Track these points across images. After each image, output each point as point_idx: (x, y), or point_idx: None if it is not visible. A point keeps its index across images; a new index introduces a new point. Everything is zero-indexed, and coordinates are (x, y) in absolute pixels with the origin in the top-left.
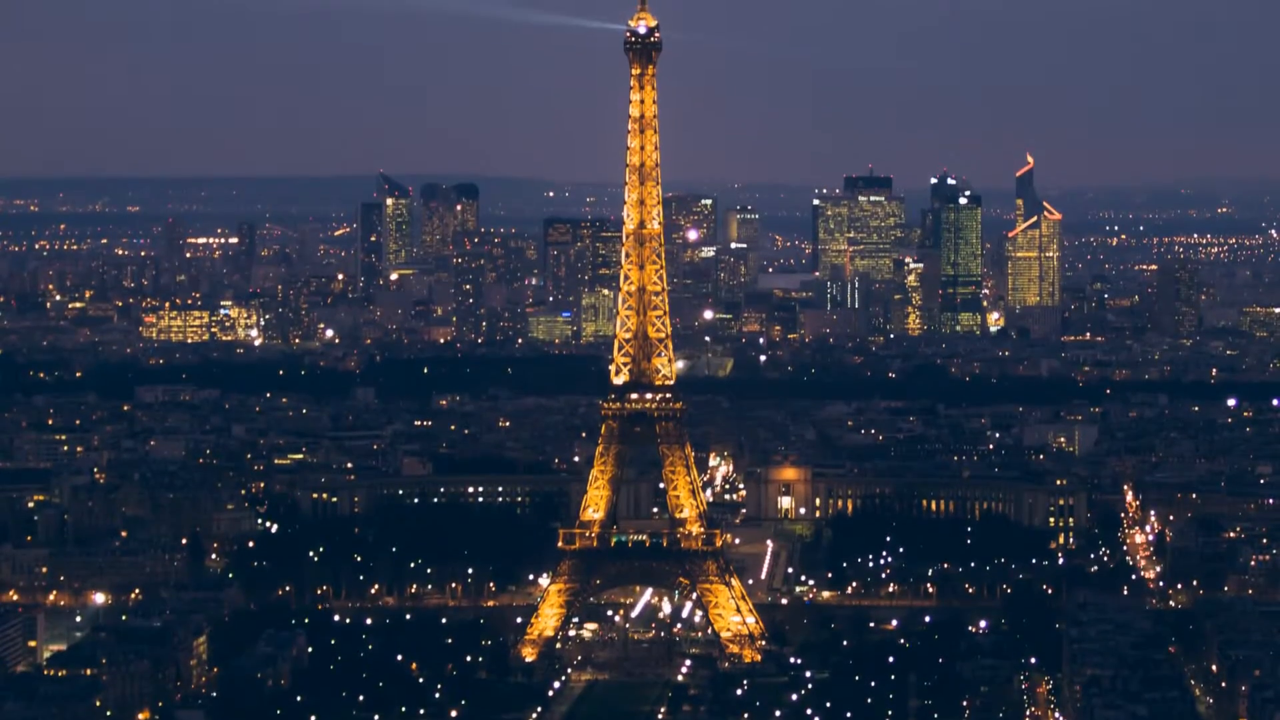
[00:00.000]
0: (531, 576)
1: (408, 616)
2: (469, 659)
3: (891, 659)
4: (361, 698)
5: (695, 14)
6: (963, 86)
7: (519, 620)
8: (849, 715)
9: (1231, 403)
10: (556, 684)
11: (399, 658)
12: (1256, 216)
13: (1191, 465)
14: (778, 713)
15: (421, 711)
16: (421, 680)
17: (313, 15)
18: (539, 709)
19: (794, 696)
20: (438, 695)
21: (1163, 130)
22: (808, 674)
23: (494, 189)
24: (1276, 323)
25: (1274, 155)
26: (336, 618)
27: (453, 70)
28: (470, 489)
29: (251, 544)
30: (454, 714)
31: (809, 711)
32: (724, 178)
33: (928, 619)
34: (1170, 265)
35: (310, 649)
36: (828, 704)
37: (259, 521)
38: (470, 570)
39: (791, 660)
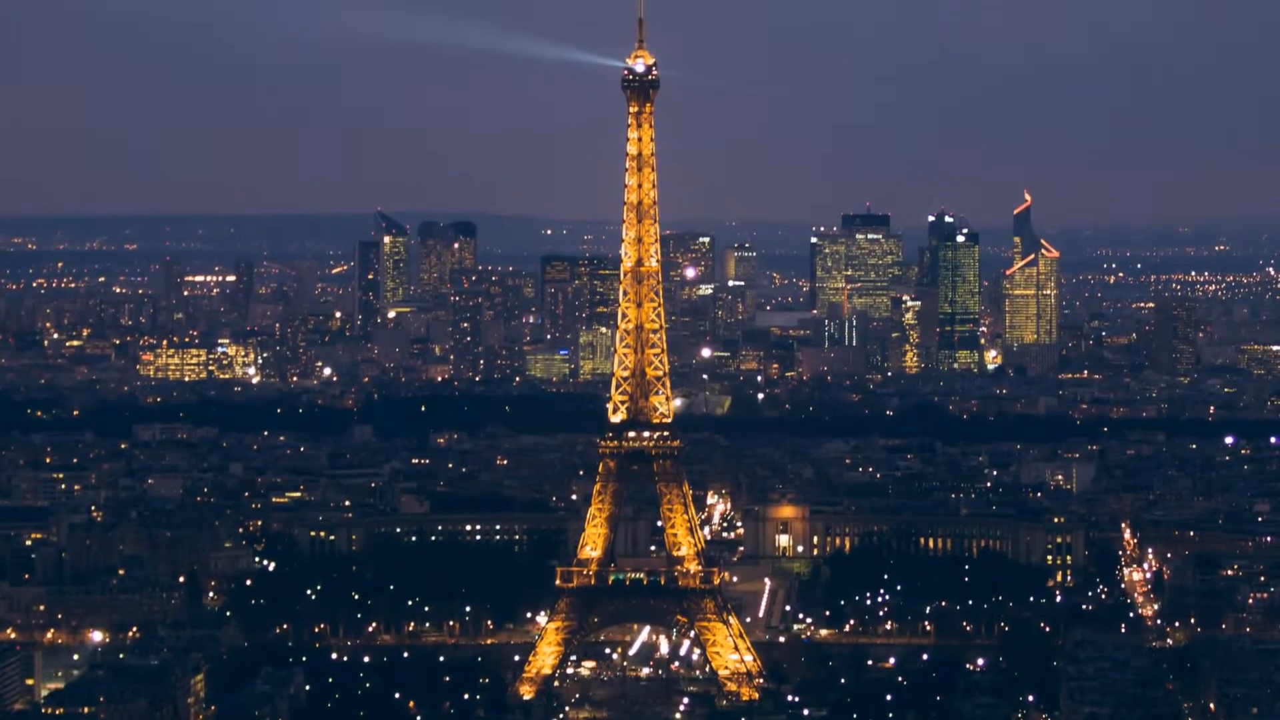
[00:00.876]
0: (529, 614)
1: (405, 654)
2: (467, 697)
3: (889, 697)
4: None
5: (693, 51)
6: (960, 125)
7: (517, 658)
8: None
9: (1229, 440)
10: None
11: (397, 696)
12: (1254, 254)
13: (1189, 503)
14: None
15: None
16: (419, 718)
17: (309, 54)
18: None
19: None
20: None
21: (1160, 168)
22: (806, 712)
23: (491, 227)
24: (1274, 360)
25: (1272, 193)
26: (334, 656)
27: (450, 108)
28: (468, 527)
29: (249, 582)
30: None
31: None
32: (721, 215)
33: (925, 657)
34: (1168, 303)
35: (308, 687)
36: None
37: (256, 560)
38: (468, 608)
39: (789, 698)
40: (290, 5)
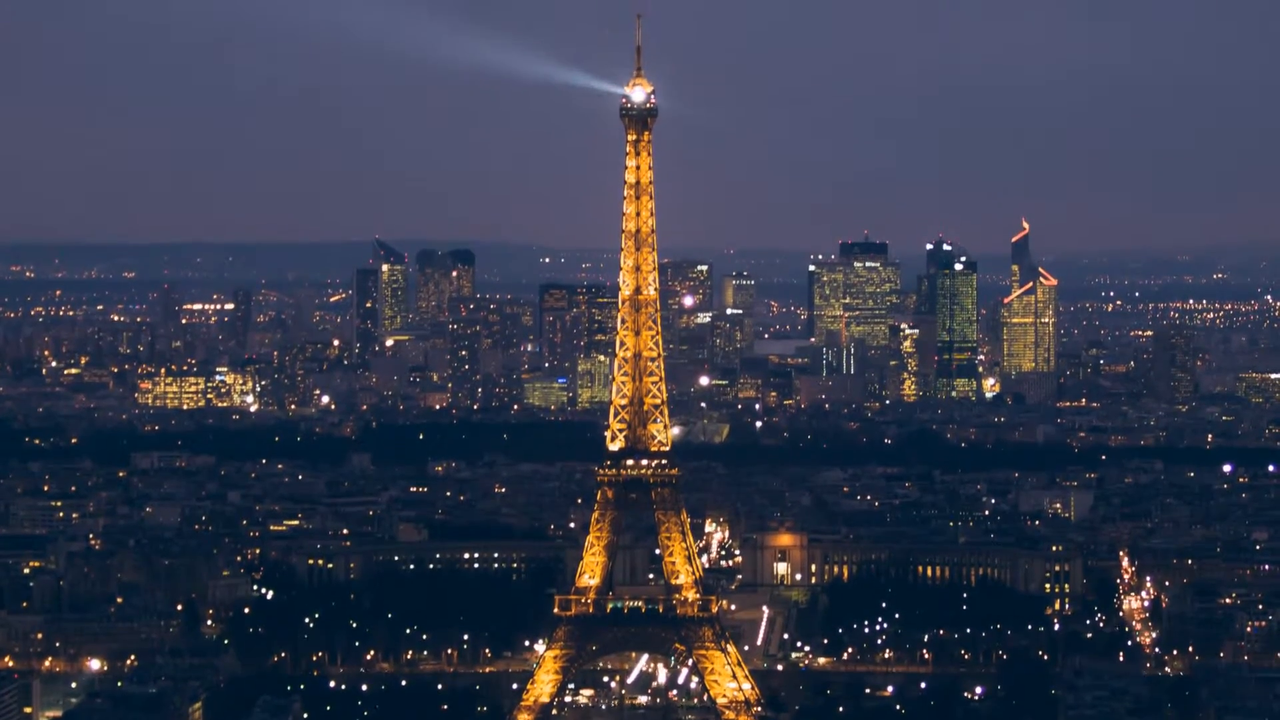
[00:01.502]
0: (527, 643)
1: (404, 683)
2: None
3: None
4: None
5: (692, 79)
6: (958, 153)
7: (515, 687)
8: None
9: (1227, 469)
10: None
11: None
12: (1253, 282)
13: (1187, 531)
14: None
15: None
16: None
17: (306, 81)
18: None
19: None
20: None
21: (1159, 196)
22: None
23: (489, 255)
24: (1273, 389)
25: (1270, 222)
26: (332, 684)
27: (448, 136)
28: (466, 555)
29: (247, 610)
30: None
31: None
32: (719, 243)
33: (924, 685)
34: (1166, 331)
35: (306, 715)
36: None
37: (255, 588)
38: (466, 636)
39: None
40: (289, 33)
